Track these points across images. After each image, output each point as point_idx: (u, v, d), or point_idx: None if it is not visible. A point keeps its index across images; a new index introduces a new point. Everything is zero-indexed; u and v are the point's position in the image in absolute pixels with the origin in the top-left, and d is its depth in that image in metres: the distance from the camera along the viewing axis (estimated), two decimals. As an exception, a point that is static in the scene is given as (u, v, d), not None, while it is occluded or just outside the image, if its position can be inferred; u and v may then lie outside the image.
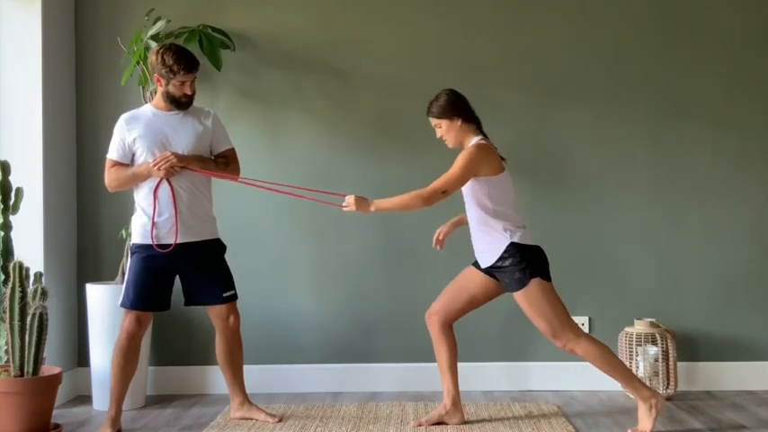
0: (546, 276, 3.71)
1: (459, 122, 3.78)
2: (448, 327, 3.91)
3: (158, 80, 3.82)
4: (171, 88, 3.81)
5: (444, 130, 3.81)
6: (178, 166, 3.76)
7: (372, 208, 3.74)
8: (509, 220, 3.71)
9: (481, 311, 3.99)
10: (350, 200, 3.76)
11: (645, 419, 3.70)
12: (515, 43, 4.69)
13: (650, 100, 4.68)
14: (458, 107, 3.79)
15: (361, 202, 3.75)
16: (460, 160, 3.69)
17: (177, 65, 3.75)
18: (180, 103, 3.85)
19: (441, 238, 4.04)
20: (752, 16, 4.68)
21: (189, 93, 3.84)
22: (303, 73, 4.70)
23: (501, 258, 3.69)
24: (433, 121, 3.83)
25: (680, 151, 4.68)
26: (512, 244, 3.67)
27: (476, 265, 3.86)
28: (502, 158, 3.80)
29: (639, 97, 4.68)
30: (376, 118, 4.71)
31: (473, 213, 3.79)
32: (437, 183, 3.68)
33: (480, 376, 4.59)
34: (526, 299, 3.68)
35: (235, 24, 4.64)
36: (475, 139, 3.77)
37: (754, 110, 4.67)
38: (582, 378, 4.49)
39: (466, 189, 3.77)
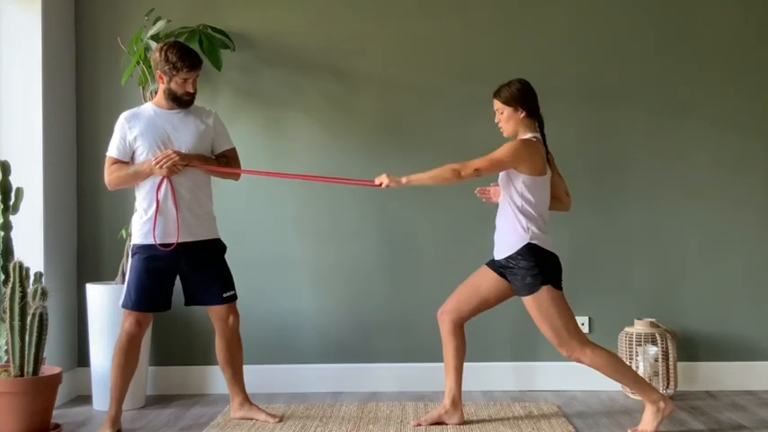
0: (558, 285, 3.70)
1: (522, 115, 3.76)
2: (459, 327, 3.90)
3: (160, 77, 3.82)
4: (173, 85, 3.81)
5: (505, 117, 3.78)
6: (180, 164, 3.76)
7: (404, 180, 3.75)
8: (534, 222, 3.69)
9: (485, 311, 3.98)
10: (382, 177, 3.77)
11: (649, 421, 3.69)
12: (515, 43, 4.69)
13: (650, 100, 4.68)
14: (526, 100, 3.76)
15: (393, 178, 3.77)
16: (504, 149, 3.69)
17: (181, 62, 3.75)
18: (181, 101, 3.84)
19: (488, 194, 4.00)
20: (752, 16, 4.68)
21: (191, 90, 3.83)
22: (303, 73, 4.70)
23: (515, 257, 3.69)
24: (497, 105, 3.80)
25: (680, 151, 4.68)
26: (529, 245, 3.67)
27: (490, 264, 3.86)
28: (549, 164, 3.79)
29: (639, 97, 4.68)
30: (376, 118, 4.71)
31: (502, 204, 3.78)
32: (474, 161, 3.67)
33: (480, 376, 4.59)
34: (535, 305, 3.67)
35: (235, 24, 4.64)
36: (528, 135, 3.75)
37: (754, 109, 4.67)
38: (582, 378, 4.48)
39: (502, 179, 3.77)
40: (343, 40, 4.71)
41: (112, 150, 3.83)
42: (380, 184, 3.78)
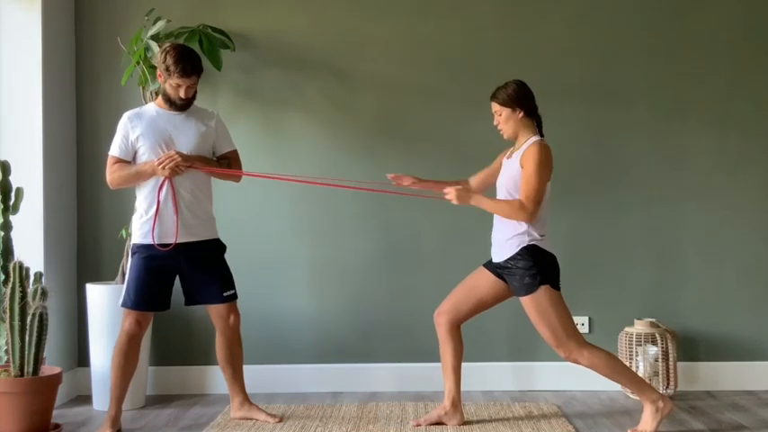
0: (556, 285, 3.69)
1: (520, 115, 3.74)
2: (456, 328, 3.89)
3: (160, 76, 3.83)
4: (167, 87, 3.82)
5: (504, 118, 3.76)
6: (183, 166, 3.76)
7: (473, 202, 3.71)
8: (534, 225, 3.68)
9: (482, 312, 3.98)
10: (451, 192, 3.72)
11: (648, 421, 3.70)
12: (515, 43, 4.69)
13: (650, 100, 4.68)
14: (523, 100, 3.74)
15: (463, 193, 3.71)
16: (535, 167, 3.62)
17: (175, 66, 3.75)
18: (174, 104, 3.85)
19: (407, 182, 3.96)
20: (752, 16, 4.67)
21: (183, 96, 3.82)
22: (303, 73, 4.70)
23: (513, 258, 3.68)
24: (495, 108, 3.78)
25: (680, 151, 4.68)
26: (527, 247, 3.66)
27: (487, 265, 3.86)
28: None
29: (639, 97, 4.68)
30: (376, 118, 4.71)
31: None
32: (529, 200, 3.59)
33: (480, 376, 4.59)
34: (534, 305, 3.66)
35: (235, 24, 4.64)
36: (533, 138, 3.73)
37: (754, 110, 4.67)
38: (582, 378, 4.48)
39: (507, 180, 3.74)
40: (343, 40, 4.71)
41: (114, 149, 3.84)
42: (448, 197, 3.74)
